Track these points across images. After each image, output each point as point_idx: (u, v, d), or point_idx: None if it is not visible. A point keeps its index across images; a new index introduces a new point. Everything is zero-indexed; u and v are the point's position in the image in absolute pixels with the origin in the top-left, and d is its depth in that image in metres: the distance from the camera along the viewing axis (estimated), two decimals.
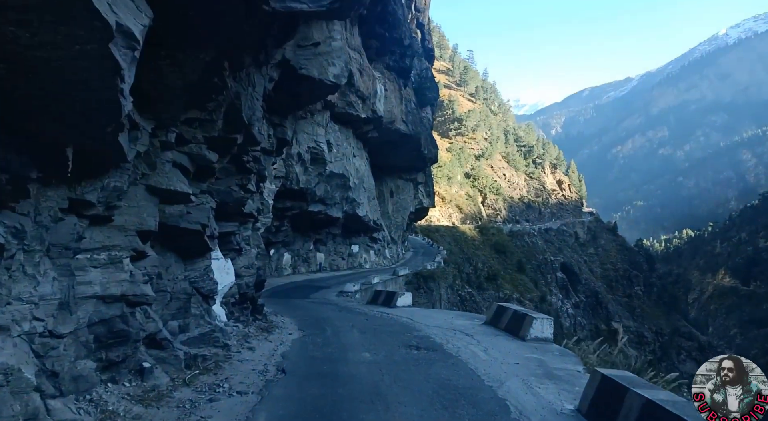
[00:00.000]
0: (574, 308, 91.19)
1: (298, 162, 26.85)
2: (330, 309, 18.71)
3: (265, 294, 20.10)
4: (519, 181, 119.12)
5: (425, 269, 43.71)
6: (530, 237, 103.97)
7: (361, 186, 38.06)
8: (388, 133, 38.45)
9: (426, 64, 50.45)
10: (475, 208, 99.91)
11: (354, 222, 39.03)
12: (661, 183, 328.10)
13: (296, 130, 23.42)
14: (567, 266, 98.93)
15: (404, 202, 52.27)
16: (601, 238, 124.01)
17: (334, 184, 32.91)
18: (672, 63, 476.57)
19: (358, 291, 25.74)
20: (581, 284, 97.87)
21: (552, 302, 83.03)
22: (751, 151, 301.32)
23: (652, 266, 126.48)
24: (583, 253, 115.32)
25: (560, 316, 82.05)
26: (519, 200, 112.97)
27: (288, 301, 21.09)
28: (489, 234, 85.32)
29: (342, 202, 35.09)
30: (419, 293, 36.22)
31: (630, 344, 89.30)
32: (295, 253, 35.99)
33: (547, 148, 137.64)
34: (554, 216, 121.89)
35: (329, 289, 26.72)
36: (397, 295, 19.91)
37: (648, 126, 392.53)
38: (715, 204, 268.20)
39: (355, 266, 43.07)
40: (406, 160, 46.59)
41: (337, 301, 22.33)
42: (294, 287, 27.12)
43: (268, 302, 17.44)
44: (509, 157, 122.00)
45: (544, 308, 73.11)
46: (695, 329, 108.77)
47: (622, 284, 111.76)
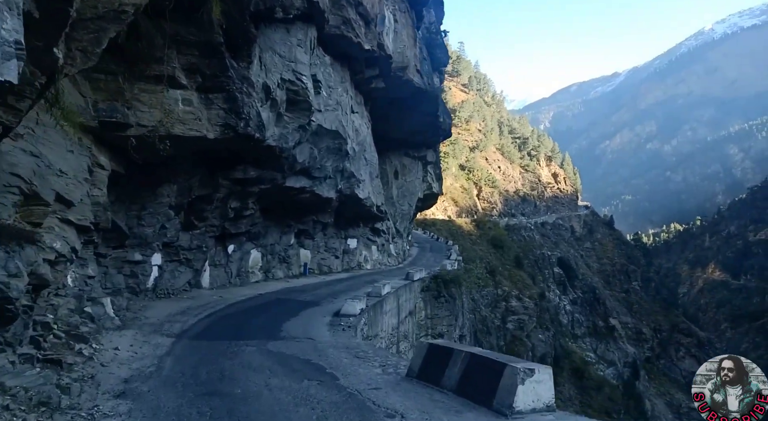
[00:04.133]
0: (572, 305, 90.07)
1: (266, 101, 17.08)
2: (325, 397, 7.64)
3: (193, 328, 12.96)
4: (514, 173, 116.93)
5: (444, 270, 34.82)
6: (527, 231, 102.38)
7: (361, 155, 28.47)
8: (397, 86, 29.45)
9: (434, 17, 39.43)
10: (471, 201, 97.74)
11: (352, 207, 29.96)
12: (649, 177, 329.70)
13: (260, 43, 15.91)
14: (564, 260, 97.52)
15: (411, 186, 42.47)
16: (597, 232, 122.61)
17: (323, 148, 22.71)
18: (659, 58, 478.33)
19: (364, 312, 17.16)
20: (578, 279, 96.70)
21: (550, 298, 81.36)
22: (738, 145, 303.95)
23: (650, 261, 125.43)
24: (579, 247, 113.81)
25: (558, 313, 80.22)
26: (514, 193, 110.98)
27: (227, 353, 10.52)
28: (485, 228, 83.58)
29: (336, 177, 25.79)
30: (439, 302, 29.72)
31: (628, 341, 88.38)
32: (268, 250, 25.95)
33: (542, 140, 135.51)
34: (550, 210, 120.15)
35: (318, 307, 17.99)
36: (515, 372, 6.77)
37: (636, 121, 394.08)
38: (703, 198, 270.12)
39: (353, 266, 34.28)
40: (418, 129, 36.68)
41: (334, 343, 12.43)
42: (258, 307, 17.57)
43: (170, 364, 9.38)
44: (504, 149, 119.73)
45: (544, 305, 70.94)
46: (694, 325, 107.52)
47: (619, 279, 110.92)
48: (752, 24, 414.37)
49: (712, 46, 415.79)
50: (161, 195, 16.95)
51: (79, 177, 10.05)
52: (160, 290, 18.27)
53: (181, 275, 19.49)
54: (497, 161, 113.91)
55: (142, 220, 16.83)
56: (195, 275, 20.43)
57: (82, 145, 10.70)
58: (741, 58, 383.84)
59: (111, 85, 11.27)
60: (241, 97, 13.58)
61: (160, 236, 17.78)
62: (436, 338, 29.13)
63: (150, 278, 17.80)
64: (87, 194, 10.44)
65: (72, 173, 9.77)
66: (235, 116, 13.60)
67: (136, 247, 16.99)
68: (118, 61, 11.24)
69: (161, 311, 15.31)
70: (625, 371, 76.05)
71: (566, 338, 75.52)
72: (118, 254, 16.22)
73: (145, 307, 15.78)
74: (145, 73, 11.66)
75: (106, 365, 8.61)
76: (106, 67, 11.10)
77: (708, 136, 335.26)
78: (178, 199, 17.79)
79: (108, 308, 12.86)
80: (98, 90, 11.13)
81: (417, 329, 26.40)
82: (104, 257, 15.33)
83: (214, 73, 12.81)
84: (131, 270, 16.94)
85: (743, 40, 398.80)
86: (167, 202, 17.27)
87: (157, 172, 15.99)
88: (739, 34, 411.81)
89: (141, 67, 11.53)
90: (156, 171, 15.81)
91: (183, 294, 18.88)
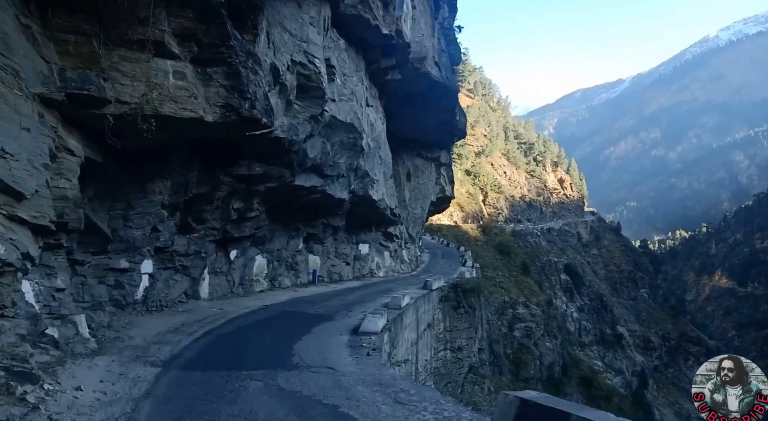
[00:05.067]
0: (579, 312, 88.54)
1: (274, 86, 15.08)
2: None
3: (185, 353, 10.69)
4: (520, 179, 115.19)
5: (463, 278, 32.70)
6: (533, 237, 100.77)
7: (376, 153, 26.57)
8: (414, 79, 27.30)
9: (447, 13, 37.62)
10: (477, 206, 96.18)
11: (364, 210, 27.72)
12: (653, 184, 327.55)
13: (267, 16, 13.89)
14: (571, 267, 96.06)
15: (424, 189, 39.83)
16: (604, 238, 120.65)
17: (337, 142, 20.73)
18: (663, 65, 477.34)
19: (387, 329, 14.89)
20: (585, 286, 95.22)
21: (557, 306, 79.69)
22: (744, 152, 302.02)
23: (658, 268, 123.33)
24: (586, 254, 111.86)
25: (566, 320, 78.23)
26: (520, 199, 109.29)
27: (225, 393, 8.09)
28: (492, 234, 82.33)
29: (349, 175, 23.58)
30: (458, 313, 27.40)
31: (636, 350, 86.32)
32: (275, 256, 23.76)
33: (548, 145, 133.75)
34: (556, 216, 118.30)
35: (332, 322, 15.81)
36: None
37: (640, 127, 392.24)
38: (708, 205, 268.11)
39: (365, 273, 31.89)
40: (433, 128, 34.54)
41: (362, 376, 9.77)
42: (263, 322, 15.41)
43: (147, 412, 7.00)
44: (509, 154, 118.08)
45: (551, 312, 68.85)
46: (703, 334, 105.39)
47: (627, 287, 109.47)
48: (757, 31, 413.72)
49: (716, 53, 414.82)
50: (152, 192, 14.53)
51: (35, 162, 7.74)
52: (151, 302, 15.94)
53: (176, 284, 17.20)
54: (503, 167, 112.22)
55: (129, 221, 14.41)
56: (192, 285, 18.20)
57: (43, 123, 8.39)
58: (746, 65, 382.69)
59: (83, 49, 8.86)
60: (246, 73, 11.01)
61: (152, 239, 15.44)
62: (455, 352, 26.79)
63: (139, 288, 15.45)
64: (47, 185, 8.12)
65: (25, 156, 7.46)
66: (239, 96, 10.94)
67: (122, 252, 14.55)
68: (91, 19, 8.83)
69: (150, 329, 12.99)
70: (633, 380, 74.31)
71: (573, 346, 73.59)
72: (100, 260, 13.74)
73: (131, 323, 13.44)
74: (127, 37, 9.22)
75: (58, 418, 6.22)
76: (76, 27, 8.76)
77: (713, 142, 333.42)
78: (172, 197, 15.47)
79: (81, 328, 10.45)
80: (66, 55, 8.74)
81: (435, 343, 24.04)
82: (81, 264, 12.90)
83: (212, 42, 10.37)
84: (116, 280, 14.52)
85: (748, 47, 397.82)
86: (159, 200, 14.89)
87: (147, 165, 13.61)
88: (743, 40, 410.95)
89: (121, 28, 9.10)
90: (146, 164, 13.45)
91: (178, 306, 16.72)
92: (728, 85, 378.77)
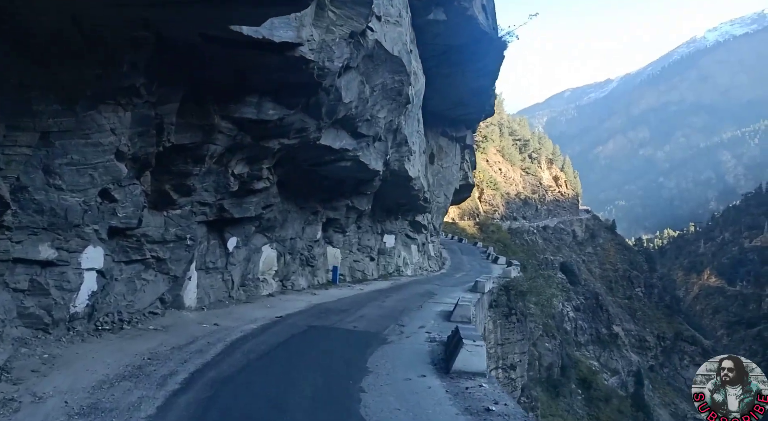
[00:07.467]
0: (575, 311, 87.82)
1: None
2: None
3: None
4: (515, 176, 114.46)
5: (513, 279, 27.48)
6: (529, 235, 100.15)
7: (416, 115, 21.43)
8: (458, 24, 20.74)
9: None
10: (473, 203, 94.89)
11: (395, 189, 21.97)
12: (642, 183, 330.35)
13: None
14: (567, 266, 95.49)
15: (448, 173, 33.07)
16: (599, 237, 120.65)
17: (379, 86, 15.01)
18: (651, 65, 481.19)
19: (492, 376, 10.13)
20: (581, 285, 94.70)
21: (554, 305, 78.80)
22: (731, 152, 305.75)
23: (653, 267, 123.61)
24: (581, 252, 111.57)
25: (563, 320, 77.40)
26: (516, 196, 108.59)
27: None
28: (489, 231, 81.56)
29: (387, 139, 17.81)
30: (510, 322, 23.19)
31: (632, 349, 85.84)
32: (287, 247, 18.00)
33: (543, 142, 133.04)
34: (551, 213, 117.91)
35: (390, 346, 11.00)
36: None
37: (629, 127, 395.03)
38: (696, 204, 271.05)
39: (391, 271, 26.01)
40: (467, 96, 27.72)
41: None
42: (287, 348, 10.35)
43: None
44: (504, 151, 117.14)
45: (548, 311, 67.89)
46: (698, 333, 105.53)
47: (623, 286, 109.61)
48: (744, 32, 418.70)
49: (704, 54, 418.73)
50: (96, 124, 8.68)
51: None
52: (102, 317, 10.33)
53: (146, 287, 11.58)
54: (498, 163, 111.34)
55: (52, 174, 8.42)
56: (172, 287, 12.52)
57: None
58: (733, 66, 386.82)
59: None
60: None
61: (102, 213, 9.68)
62: (507, 370, 22.25)
63: (78, 294, 9.60)
64: None
65: None
66: None
67: (41, 231, 8.60)
68: None
69: (86, 371, 7.56)
70: (629, 381, 73.79)
71: (571, 346, 72.80)
72: None
73: (56, 359, 7.99)
74: None
75: None
76: None
77: (701, 142, 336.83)
78: (133, 140, 9.62)
79: None
80: None
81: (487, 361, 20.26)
82: None
83: None
84: (31, 281, 8.72)
85: (735, 48, 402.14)
86: (112, 144, 9.06)
87: (78, 63, 7.71)
88: (731, 42, 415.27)
89: None
90: (76, 57, 7.66)
91: (148, 322, 11.24)
92: (716, 86, 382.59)
